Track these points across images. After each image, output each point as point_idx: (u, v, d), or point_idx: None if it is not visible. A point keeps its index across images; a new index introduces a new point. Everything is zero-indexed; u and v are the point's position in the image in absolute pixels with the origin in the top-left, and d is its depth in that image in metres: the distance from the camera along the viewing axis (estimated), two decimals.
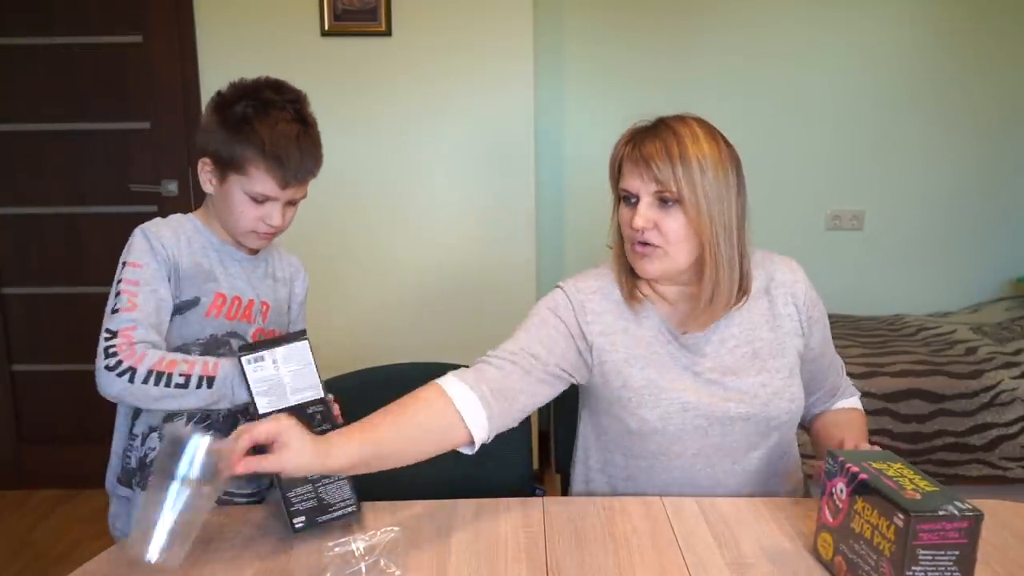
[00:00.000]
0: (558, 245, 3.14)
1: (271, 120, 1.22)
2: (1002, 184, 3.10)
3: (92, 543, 2.45)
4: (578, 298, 1.27)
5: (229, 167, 1.24)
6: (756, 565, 1.04)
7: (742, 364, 1.25)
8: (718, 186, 1.17)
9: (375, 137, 2.65)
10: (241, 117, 1.22)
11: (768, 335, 1.27)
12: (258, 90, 1.26)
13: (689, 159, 1.16)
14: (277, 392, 1.13)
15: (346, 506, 1.15)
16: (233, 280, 1.31)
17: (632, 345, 1.25)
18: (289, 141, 1.22)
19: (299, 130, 1.24)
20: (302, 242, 2.67)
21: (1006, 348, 2.59)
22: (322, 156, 1.30)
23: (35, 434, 2.88)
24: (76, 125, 2.70)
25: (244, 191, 1.24)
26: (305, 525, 1.12)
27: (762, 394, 1.24)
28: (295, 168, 1.23)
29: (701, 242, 1.18)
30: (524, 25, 2.59)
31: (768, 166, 3.00)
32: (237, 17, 2.57)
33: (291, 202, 1.29)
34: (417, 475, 1.58)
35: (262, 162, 1.21)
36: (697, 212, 1.16)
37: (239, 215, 1.26)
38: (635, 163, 1.19)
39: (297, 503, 1.12)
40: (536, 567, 1.05)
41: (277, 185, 1.23)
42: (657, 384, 1.24)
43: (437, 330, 2.76)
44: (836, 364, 1.40)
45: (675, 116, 1.23)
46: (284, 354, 1.14)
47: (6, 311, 2.80)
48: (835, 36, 3.00)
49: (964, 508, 0.89)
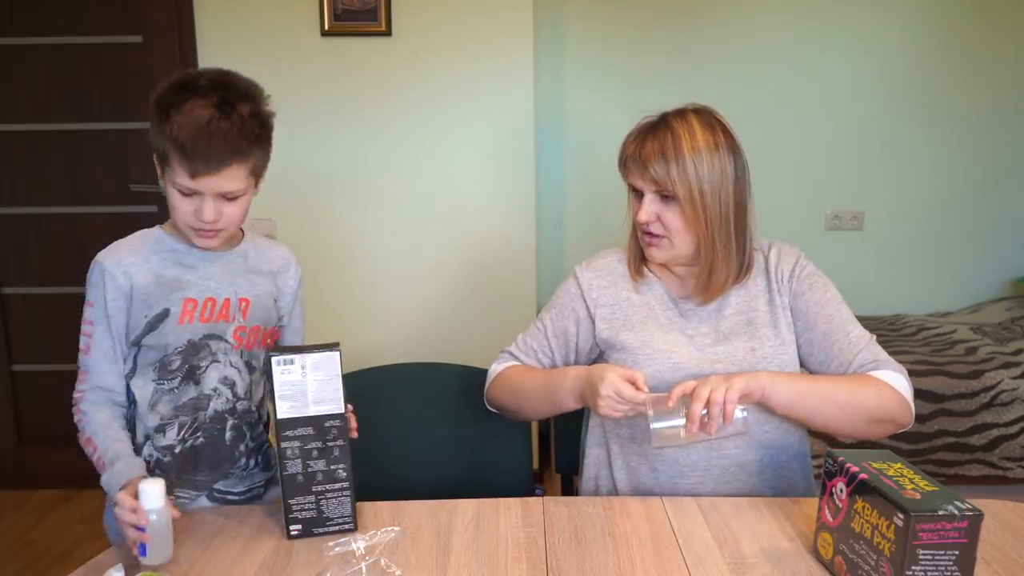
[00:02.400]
0: (558, 242, 3.14)
1: (187, 108, 1.15)
2: (1002, 184, 3.10)
3: (92, 543, 2.45)
4: (586, 279, 1.39)
5: (161, 160, 1.20)
6: (756, 565, 1.04)
7: (735, 331, 1.31)
8: (712, 179, 1.25)
9: (375, 137, 2.65)
10: (165, 106, 1.17)
11: (764, 307, 1.33)
12: (194, 80, 1.20)
13: (684, 159, 1.24)
14: (299, 399, 1.11)
15: (344, 523, 1.14)
16: (205, 282, 1.27)
17: (631, 312, 1.35)
18: (199, 127, 1.14)
19: (211, 115, 1.15)
20: (303, 241, 2.68)
21: (1006, 348, 2.59)
22: (252, 147, 1.20)
23: (35, 434, 2.88)
24: (76, 125, 2.70)
25: (171, 183, 1.19)
26: (300, 534, 1.13)
27: (750, 358, 1.28)
28: (203, 157, 1.14)
29: (698, 235, 1.27)
30: (524, 24, 2.59)
31: (768, 166, 2.98)
32: (237, 17, 2.57)
33: (226, 196, 1.20)
34: (417, 475, 1.58)
35: (173, 151, 1.16)
36: (692, 207, 1.25)
37: (175, 210, 1.21)
38: (636, 163, 1.28)
39: (296, 511, 1.13)
40: (536, 567, 1.05)
41: (187, 174, 1.16)
42: (651, 345, 1.31)
43: (438, 327, 2.76)
44: (852, 338, 1.29)
45: (677, 112, 1.30)
46: (314, 362, 1.12)
47: (6, 311, 2.80)
48: (835, 36, 3.00)
49: (964, 508, 0.89)
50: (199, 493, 1.30)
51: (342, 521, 1.14)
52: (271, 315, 1.36)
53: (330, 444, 1.11)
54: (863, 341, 1.29)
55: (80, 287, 1.31)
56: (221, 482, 1.31)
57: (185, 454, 1.28)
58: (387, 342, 2.72)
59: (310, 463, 1.11)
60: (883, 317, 3.06)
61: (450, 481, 1.58)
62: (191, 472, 1.28)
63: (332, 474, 1.12)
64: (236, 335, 1.29)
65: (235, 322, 1.29)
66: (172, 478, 1.26)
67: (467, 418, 1.55)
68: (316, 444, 1.11)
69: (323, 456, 1.12)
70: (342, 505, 1.14)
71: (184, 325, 1.24)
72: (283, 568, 1.05)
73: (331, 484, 1.13)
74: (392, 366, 1.64)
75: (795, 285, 1.33)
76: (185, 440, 1.27)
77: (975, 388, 2.42)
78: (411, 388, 1.62)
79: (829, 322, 1.31)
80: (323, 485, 1.12)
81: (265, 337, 1.34)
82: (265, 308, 1.34)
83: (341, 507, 1.14)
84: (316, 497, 1.13)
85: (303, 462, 1.11)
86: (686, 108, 1.30)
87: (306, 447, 1.11)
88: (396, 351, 2.44)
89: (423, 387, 1.61)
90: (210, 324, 1.27)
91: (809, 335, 1.32)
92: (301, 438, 1.10)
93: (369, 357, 1.73)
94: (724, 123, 1.30)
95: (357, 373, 1.61)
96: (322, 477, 1.12)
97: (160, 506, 1.02)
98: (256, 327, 1.32)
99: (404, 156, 2.67)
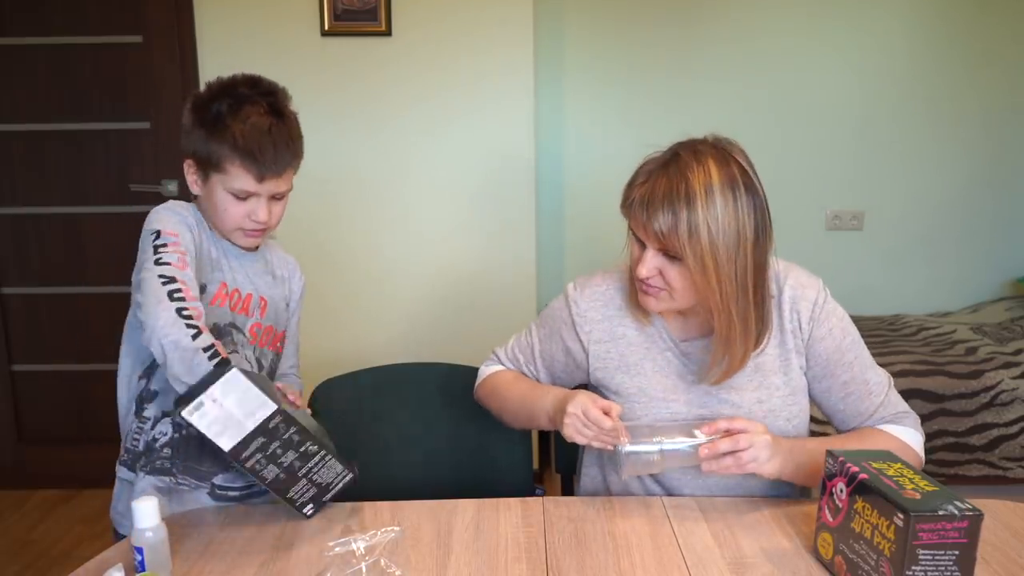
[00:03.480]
0: (558, 248, 3.14)
1: (243, 115, 1.22)
2: (1002, 184, 3.10)
3: (92, 543, 2.45)
4: (581, 308, 1.30)
5: (209, 166, 1.24)
6: (756, 565, 1.04)
7: (740, 378, 1.21)
8: (727, 244, 1.08)
9: (375, 137, 2.65)
10: (215, 115, 1.22)
11: (773, 350, 1.22)
12: (233, 86, 1.26)
13: (696, 215, 1.06)
14: (232, 424, 1.08)
15: (343, 478, 1.18)
16: (234, 273, 1.32)
17: (627, 352, 1.27)
18: (262, 134, 1.22)
19: (271, 122, 1.24)
20: (302, 242, 2.68)
21: (1006, 348, 2.59)
22: (300, 148, 1.30)
23: (35, 434, 2.88)
24: (76, 125, 2.70)
25: (225, 189, 1.24)
26: (315, 510, 1.18)
27: (758, 412, 1.20)
28: (270, 161, 1.23)
29: (707, 299, 1.13)
30: (524, 24, 2.59)
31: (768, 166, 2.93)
32: (237, 17, 2.57)
33: (276, 197, 1.29)
34: (417, 475, 1.58)
35: (236, 158, 1.22)
36: (703, 273, 1.09)
37: (224, 213, 1.26)
38: (640, 213, 1.11)
39: (299, 498, 1.16)
40: (536, 567, 1.05)
41: (254, 179, 1.23)
42: (647, 393, 1.24)
43: (438, 332, 2.76)
44: (872, 387, 1.23)
45: (691, 151, 1.11)
46: (220, 390, 1.08)
47: (6, 311, 2.80)
48: (835, 37, 2.99)
49: (964, 508, 0.89)
50: (201, 485, 1.30)
51: (340, 479, 1.17)
52: (282, 318, 1.41)
53: (285, 437, 1.11)
54: (882, 390, 1.23)
55: (80, 287, 1.31)
56: (221, 476, 1.31)
57: (194, 440, 1.27)
58: (387, 342, 2.72)
59: (281, 460, 1.12)
60: (883, 317, 3.06)
61: (450, 481, 1.58)
62: (195, 460, 1.28)
63: (304, 455, 1.13)
64: (252, 330, 1.33)
65: (254, 318, 1.33)
66: (178, 464, 1.28)
67: (467, 418, 1.55)
68: (274, 445, 1.11)
69: (287, 448, 1.12)
70: (330, 468, 1.16)
71: (215, 307, 1.27)
72: (283, 568, 1.05)
73: (310, 461, 1.14)
74: (392, 366, 1.64)
75: (814, 329, 1.21)
76: None
77: (975, 388, 2.42)
78: (411, 388, 1.62)
79: (849, 370, 1.22)
80: (304, 466, 1.14)
81: (276, 339, 1.39)
82: (278, 310, 1.39)
83: (331, 470, 1.16)
84: (306, 478, 1.15)
85: (274, 464, 1.12)
86: (701, 145, 1.13)
87: (268, 452, 1.11)
88: (396, 351, 2.44)
89: (423, 387, 1.61)
90: (234, 314, 1.30)
91: (827, 382, 1.23)
92: (259, 450, 1.10)
93: (369, 357, 1.73)
94: (743, 161, 1.13)
95: (357, 373, 1.61)
96: (299, 462, 1.14)
97: (156, 523, 1.01)
98: (270, 327, 1.37)
99: (404, 156, 2.67)
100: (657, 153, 1.16)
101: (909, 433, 1.22)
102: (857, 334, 1.25)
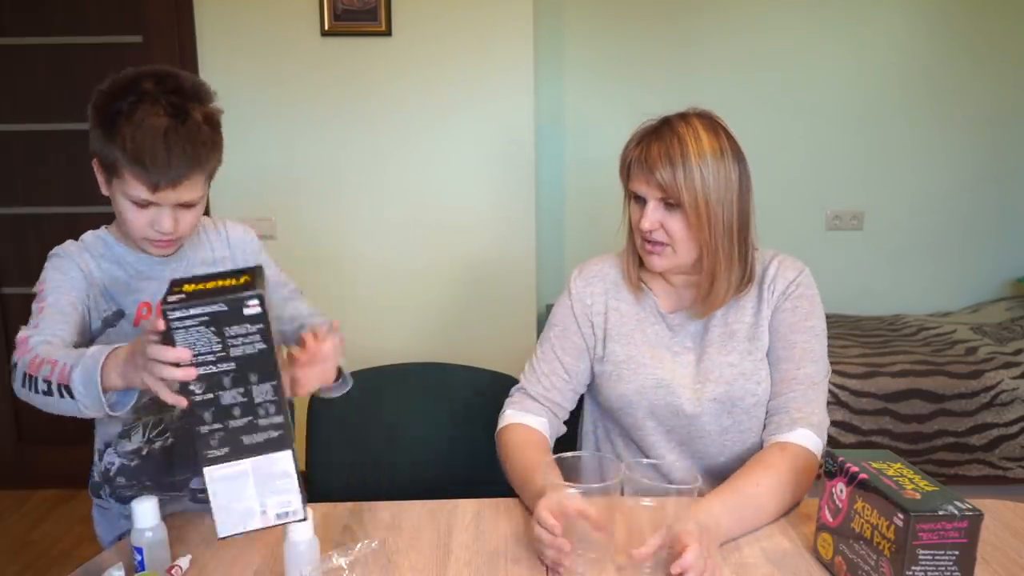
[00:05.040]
0: (558, 244, 3.14)
1: (137, 117, 1.07)
2: (1002, 184, 3.11)
3: (92, 543, 2.42)
4: (579, 293, 1.37)
5: (110, 170, 1.11)
6: (756, 565, 1.04)
7: (714, 342, 1.29)
8: (718, 188, 1.22)
9: (375, 136, 2.65)
10: (113, 114, 1.09)
11: (749, 319, 1.30)
12: (137, 81, 1.11)
13: (690, 165, 1.20)
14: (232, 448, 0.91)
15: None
16: (158, 285, 1.19)
17: (620, 323, 1.34)
18: (155, 139, 1.06)
19: (168, 125, 1.08)
20: (302, 241, 2.69)
21: (1006, 348, 2.59)
22: (206, 154, 1.12)
23: (35, 434, 2.88)
24: (76, 125, 2.70)
25: (123, 195, 1.11)
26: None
27: (728, 374, 1.27)
28: (162, 169, 1.07)
29: (701, 245, 1.24)
30: (524, 24, 2.59)
31: (768, 166, 2.99)
32: (237, 17, 2.57)
33: (184, 205, 1.13)
34: (417, 475, 1.58)
35: (126, 164, 1.07)
36: (697, 216, 1.22)
37: (128, 222, 1.14)
38: (641, 168, 1.24)
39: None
40: (536, 567, 1.05)
41: (146, 188, 1.09)
42: (636, 359, 1.30)
43: (439, 329, 2.76)
44: (799, 375, 1.25)
45: (679, 115, 1.26)
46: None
47: (6, 311, 2.81)
48: (835, 36, 3.00)
49: (964, 508, 0.89)
50: (179, 494, 1.29)
51: None
52: None
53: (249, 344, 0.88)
54: (803, 384, 1.24)
55: None
56: (195, 480, 1.28)
57: (155, 456, 1.26)
58: (387, 342, 2.72)
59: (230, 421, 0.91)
60: (883, 317, 3.06)
61: (450, 481, 1.58)
62: (166, 474, 1.27)
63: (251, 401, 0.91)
64: None
65: None
66: (144, 481, 1.25)
67: (468, 418, 1.55)
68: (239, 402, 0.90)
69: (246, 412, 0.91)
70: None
71: (140, 328, 1.19)
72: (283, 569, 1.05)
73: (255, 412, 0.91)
74: (393, 366, 1.64)
75: (783, 302, 1.28)
76: (152, 441, 1.26)
77: (975, 388, 2.42)
78: (412, 388, 1.62)
79: (789, 348, 1.26)
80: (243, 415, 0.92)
81: None
82: None
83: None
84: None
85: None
86: (688, 112, 1.27)
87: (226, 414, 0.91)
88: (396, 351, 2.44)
89: (424, 387, 1.61)
90: None
91: (772, 355, 1.28)
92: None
93: (369, 357, 1.73)
94: (727, 128, 1.26)
95: (357, 373, 1.60)
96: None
97: (155, 523, 1.00)
98: None
99: (404, 156, 2.67)
100: (648, 122, 1.28)
101: (806, 436, 1.21)
102: (821, 328, 1.28)
